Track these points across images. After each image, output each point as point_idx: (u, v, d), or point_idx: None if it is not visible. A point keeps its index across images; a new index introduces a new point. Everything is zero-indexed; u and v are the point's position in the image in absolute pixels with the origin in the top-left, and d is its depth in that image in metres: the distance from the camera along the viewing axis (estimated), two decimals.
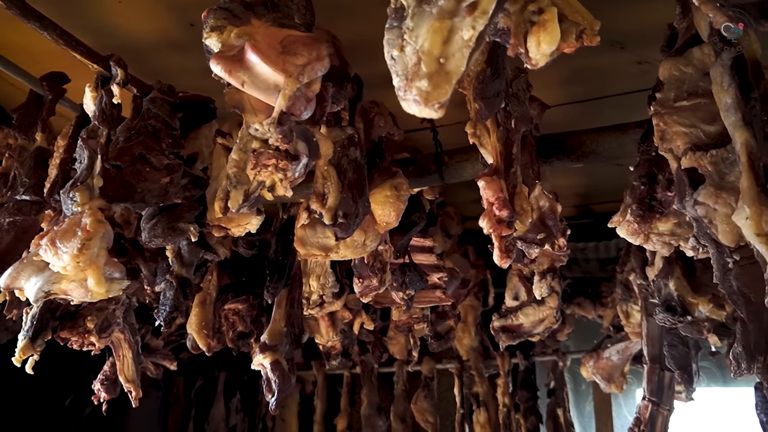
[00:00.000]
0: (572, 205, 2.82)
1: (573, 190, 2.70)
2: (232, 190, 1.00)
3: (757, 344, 0.99)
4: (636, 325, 1.85)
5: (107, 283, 1.01)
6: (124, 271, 1.07)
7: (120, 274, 1.05)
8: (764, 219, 0.83)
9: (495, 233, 1.04)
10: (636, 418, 1.71)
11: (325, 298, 1.89)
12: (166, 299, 1.33)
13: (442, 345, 1.97)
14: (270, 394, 1.70)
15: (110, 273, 1.02)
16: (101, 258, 1.01)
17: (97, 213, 1.02)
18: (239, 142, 1.03)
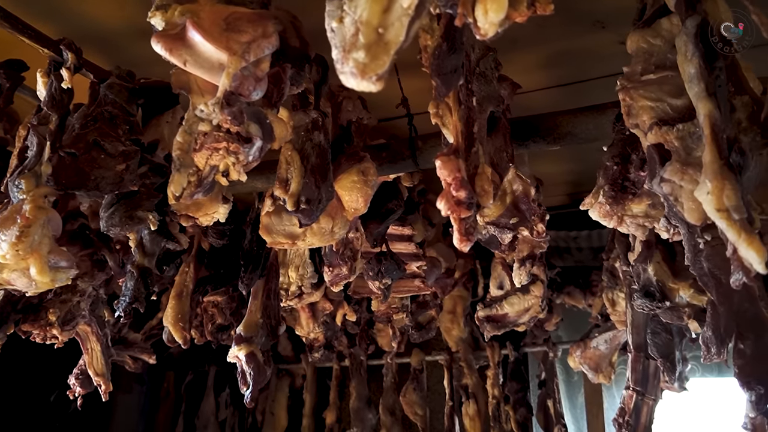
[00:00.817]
0: (564, 193, 2.76)
1: (564, 178, 2.65)
2: (176, 174, 0.97)
3: (727, 327, 0.94)
4: (622, 313, 1.80)
5: (51, 272, 0.98)
6: (71, 259, 1.04)
7: (67, 263, 1.01)
8: (726, 194, 0.78)
9: (454, 215, 0.99)
10: (620, 408, 1.66)
11: (303, 289, 1.85)
12: (126, 290, 1.30)
13: (423, 335, 1.93)
14: (245, 386, 1.67)
15: (55, 261, 0.98)
16: (44, 246, 0.97)
17: (38, 200, 0.99)
18: (185, 124, 0.99)
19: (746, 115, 0.88)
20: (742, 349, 0.94)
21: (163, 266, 1.75)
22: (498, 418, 2.31)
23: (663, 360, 1.51)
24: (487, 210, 1.40)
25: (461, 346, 2.46)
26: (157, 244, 1.31)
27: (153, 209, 1.25)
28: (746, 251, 0.74)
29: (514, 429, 2.29)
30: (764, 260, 0.74)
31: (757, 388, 0.92)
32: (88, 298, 1.44)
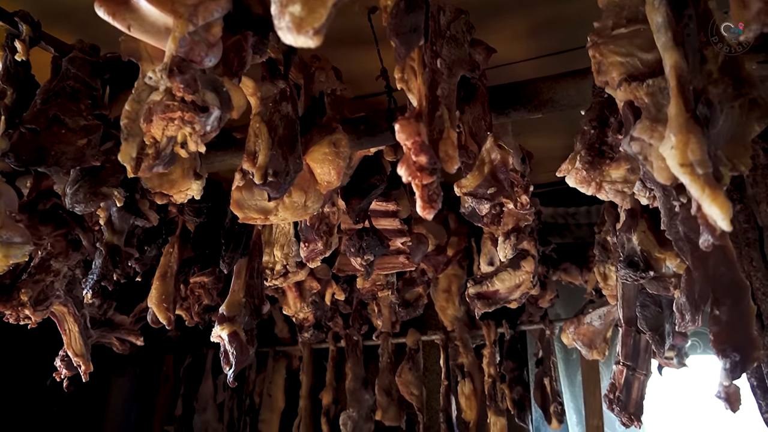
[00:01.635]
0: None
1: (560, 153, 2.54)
2: (124, 143, 0.93)
3: (702, 293, 0.90)
4: (614, 287, 1.75)
5: (4, 248, 0.95)
6: (26, 235, 1.02)
7: (21, 239, 0.99)
8: (690, 148, 0.73)
9: (415, 181, 0.95)
10: (611, 384, 1.62)
11: (288, 267, 1.82)
12: (95, 267, 1.28)
13: (410, 313, 1.90)
14: (227, 366, 1.65)
15: (8, 237, 0.96)
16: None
17: None
18: (134, 92, 0.96)
19: (717, 66, 0.83)
20: (717, 316, 0.89)
21: (145, 246, 1.73)
22: (494, 397, 2.27)
23: (652, 333, 1.46)
24: (465, 180, 1.36)
25: (456, 325, 2.43)
26: (125, 221, 1.28)
27: (118, 185, 1.22)
28: (710, 207, 0.70)
29: (510, 407, 2.25)
30: (728, 216, 0.69)
31: (732, 356, 0.87)
32: (63, 278, 1.42)
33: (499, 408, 2.25)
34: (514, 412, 2.24)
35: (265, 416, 2.67)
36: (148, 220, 1.32)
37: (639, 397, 1.59)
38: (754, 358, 0.88)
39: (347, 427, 2.44)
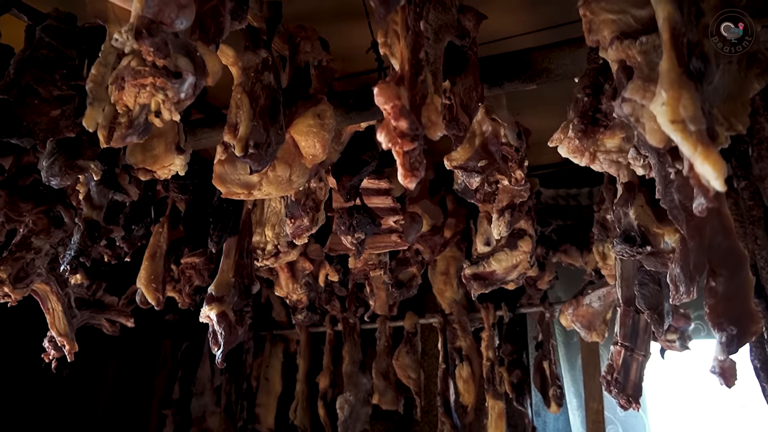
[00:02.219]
0: None
1: None
2: (89, 107, 0.89)
3: (698, 264, 0.85)
4: (613, 267, 1.70)
5: None
6: None
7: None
8: (682, 103, 0.68)
9: (396, 148, 0.90)
10: (608, 365, 1.58)
11: (280, 247, 1.78)
12: (72, 243, 1.24)
13: (404, 294, 1.86)
14: (216, 346, 1.62)
15: None
16: None
17: None
18: (100, 55, 0.91)
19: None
20: (713, 287, 0.85)
21: (132, 225, 1.70)
22: (492, 381, 2.24)
23: (651, 312, 1.41)
24: (455, 154, 1.31)
25: (455, 308, 2.39)
26: (104, 195, 1.25)
27: (95, 158, 1.18)
28: (702, 166, 0.65)
29: (508, 391, 2.22)
30: (722, 175, 0.64)
31: (728, 329, 0.82)
32: (45, 256, 1.39)
33: (497, 391, 2.21)
34: (512, 395, 2.21)
35: (262, 400, 2.65)
36: (127, 194, 1.29)
37: (637, 378, 1.55)
38: (753, 332, 0.83)
39: (344, 411, 2.42)
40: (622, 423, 2.40)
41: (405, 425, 2.62)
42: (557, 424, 2.58)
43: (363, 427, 2.50)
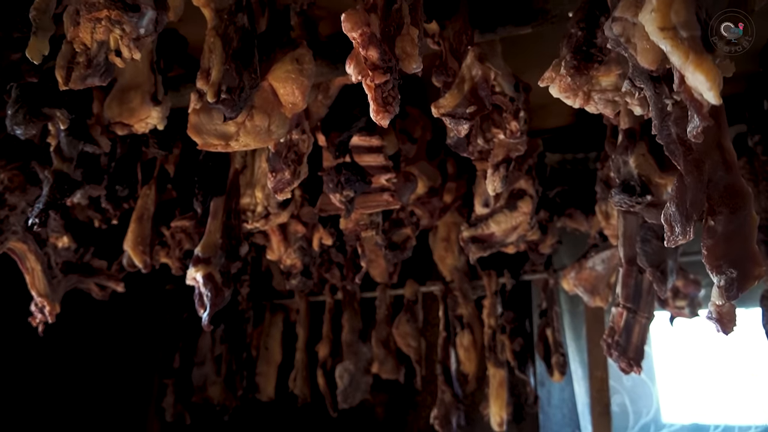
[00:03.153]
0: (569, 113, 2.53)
1: None
2: (32, 37, 0.83)
3: (695, 201, 0.77)
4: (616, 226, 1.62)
5: None
6: None
7: None
8: (674, 8, 0.60)
9: (366, 81, 0.83)
10: (609, 328, 1.51)
11: (270, 209, 1.73)
12: (42, 196, 1.19)
13: (398, 256, 1.79)
14: (202, 308, 1.58)
15: None
16: None
17: None
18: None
19: None
20: (712, 227, 0.77)
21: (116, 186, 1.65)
22: (494, 349, 2.18)
23: (653, 269, 1.33)
24: (443, 100, 1.23)
25: (456, 275, 2.33)
26: (74, 146, 1.19)
27: (62, 106, 1.12)
28: (694, 75, 0.57)
29: (509, 359, 2.16)
30: (717, 86, 0.56)
31: (728, 272, 0.75)
32: (21, 213, 1.35)
33: (498, 360, 2.15)
34: (514, 363, 2.15)
35: (262, 369, 2.62)
36: (98, 146, 1.23)
37: (639, 341, 1.48)
38: (755, 276, 0.76)
39: (343, 380, 2.38)
40: (628, 392, 2.34)
41: (407, 395, 2.58)
42: (562, 395, 2.52)
43: (363, 397, 2.46)
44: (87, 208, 1.85)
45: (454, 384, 2.23)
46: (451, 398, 2.20)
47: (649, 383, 2.32)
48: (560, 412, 2.49)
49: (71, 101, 1.16)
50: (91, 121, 1.24)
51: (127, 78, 1.35)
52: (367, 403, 2.56)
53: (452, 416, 2.20)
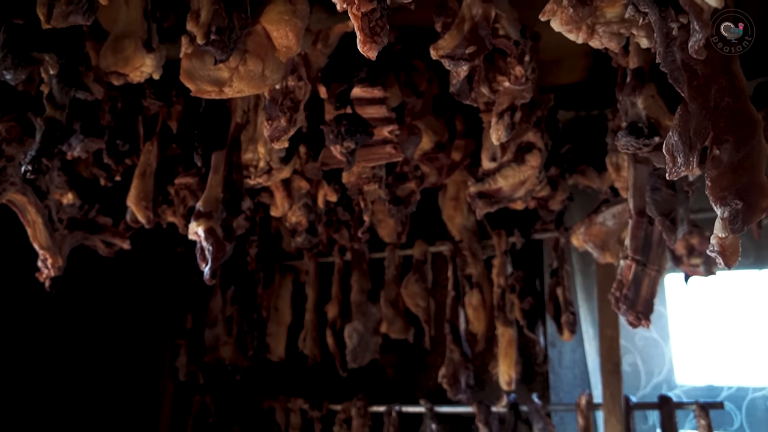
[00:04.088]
0: (582, 68, 2.45)
1: (581, 49, 2.32)
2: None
3: (699, 129, 0.73)
4: (626, 178, 1.57)
5: None
6: None
7: None
8: None
9: (352, 9, 0.79)
10: (618, 281, 1.47)
11: (272, 164, 1.70)
12: (34, 143, 1.18)
13: (402, 210, 1.76)
14: (203, 262, 1.57)
15: None
16: None
17: None
18: None
19: None
20: (717, 156, 0.73)
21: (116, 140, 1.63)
22: (502, 308, 2.15)
23: (663, 218, 1.29)
24: (442, 41, 1.18)
25: (465, 234, 2.29)
26: (66, 93, 1.17)
27: (50, 50, 1.10)
28: None
29: (519, 318, 2.13)
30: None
31: (733, 204, 0.71)
32: (19, 165, 1.34)
33: (507, 319, 2.13)
34: (523, 323, 2.12)
35: (272, 330, 2.63)
36: (90, 92, 1.21)
37: (649, 294, 1.44)
38: (763, 208, 0.71)
39: (352, 340, 2.38)
40: (640, 352, 2.31)
41: (417, 356, 2.58)
42: (574, 356, 2.50)
43: (372, 357, 2.46)
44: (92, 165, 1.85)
45: (463, 343, 2.21)
46: (460, 357, 2.19)
47: (662, 343, 2.29)
48: (571, 373, 2.47)
49: (61, 46, 1.14)
50: (83, 68, 1.21)
51: (121, 27, 1.32)
52: (377, 364, 2.57)
53: (461, 375, 2.19)
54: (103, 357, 2.58)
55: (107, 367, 2.59)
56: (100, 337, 2.58)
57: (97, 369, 2.55)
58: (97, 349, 2.56)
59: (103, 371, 2.57)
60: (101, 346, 2.58)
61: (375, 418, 2.44)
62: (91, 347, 2.54)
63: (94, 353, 2.55)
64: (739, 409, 2.11)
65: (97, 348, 2.56)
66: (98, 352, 2.56)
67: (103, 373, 2.57)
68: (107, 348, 2.60)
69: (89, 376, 2.52)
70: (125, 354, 2.66)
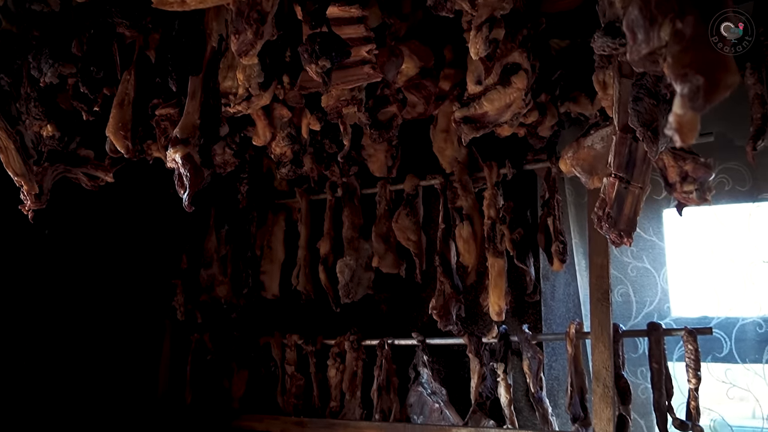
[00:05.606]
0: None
1: None
2: None
3: (660, 2, 0.68)
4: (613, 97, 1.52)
5: None
6: None
7: None
8: None
9: None
10: (601, 200, 1.44)
11: (251, 90, 1.66)
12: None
13: (383, 135, 1.73)
14: (182, 189, 1.56)
15: None
16: None
17: None
18: None
19: None
20: (680, 30, 0.69)
21: (90, 68, 1.60)
22: (493, 239, 2.14)
23: (644, 129, 1.25)
24: None
25: (456, 166, 2.26)
26: (20, 5, 1.13)
27: None
28: None
29: (509, 249, 2.12)
30: None
31: (694, 79, 0.67)
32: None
33: (497, 249, 2.12)
34: (513, 253, 2.11)
35: (266, 268, 2.64)
36: (46, 2, 1.17)
37: (632, 213, 1.42)
38: (726, 84, 0.68)
39: (344, 275, 2.38)
40: (632, 283, 2.30)
41: (411, 293, 2.58)
42: (567, 290, 2.49)
43: (365, 292, 2.47)
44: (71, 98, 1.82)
45: (454, 276, 2.21)
46: (450, 290, 2.19)
47: (654, 274, 2.27)
48: (564, 306, 2.47)
49: None
50: None
51: None
52: (372, 300, 2.59)
53: (452, 307, 2.20)
54: (102, 298, 2.61)
55: (106, 308, 2.62)
56: (99, 278, 2.61)
57: (96, 310, 2.59)
58: (96, 290, 2.59)
59: (102, 313, 2.61)
60: (100, 287, 2.61)
61: (369, 352, 2.47)
62: (90, 288, 2.57)
63: (94, 294, 2.58)
64: (728, 336, 2.11)
65: (97, 289, 2.59)
66: (97, 294, 2.59)
67: (103, 314, 2.60)
68: (106, 289, 2.63)
69: (89, 318, 2.56)
70: (125, 296, 2.69)
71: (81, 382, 2.50)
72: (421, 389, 2.34)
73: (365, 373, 2.44)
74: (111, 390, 2.59)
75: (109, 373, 2.59)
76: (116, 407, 2.60)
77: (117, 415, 2.59)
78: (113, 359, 2.62)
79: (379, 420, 2.30)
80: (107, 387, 2.58)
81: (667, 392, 1.95)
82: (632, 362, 2.22)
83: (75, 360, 2.50)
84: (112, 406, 2.58)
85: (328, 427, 2.36)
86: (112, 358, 2.61)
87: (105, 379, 2.57)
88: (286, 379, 2.57)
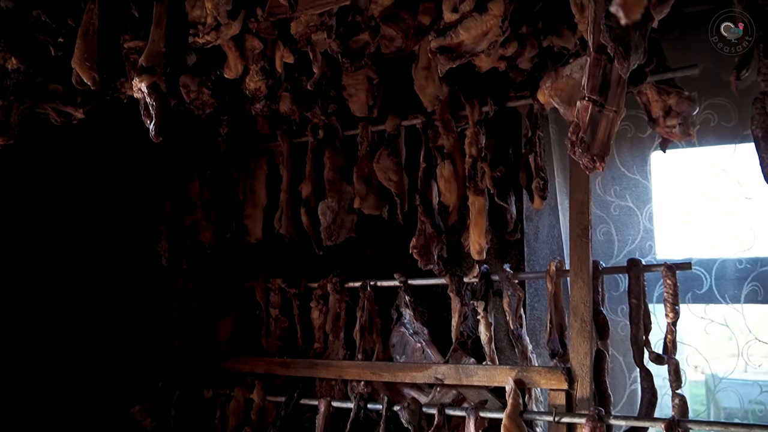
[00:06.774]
0: None
1: None
2: None
3: None
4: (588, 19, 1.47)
5: None
6: None
7: None
8: None
9: None
10: (574, 124, 1.41)
11: (220, 19, 1.61)
12: None
13: (356, 64, 1.68)
14: (148, 119, 1.53)
15: None
16: None
17: None
18: None
19: None
20: None
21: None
22: (473, 177, 2.11)
23: (615, 44, 1.21)
24: None
25: (437, 105, 2.22)
26: None
27: None
28: None
29: (489, 186, 2.10)
30: None
31: None
32: None
33: (478, 187, 2.09)
34: (493, 191, 2.09)
35: (249, 212, 2.62)
36: None
37: (605, 137, 1.39)
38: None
39: (326, 217, 2.37)
40: (614, 221, 2.29)
41: (395, 236, 2.57)
42: (552, 232, 2.48)
43: (348, 235, 2.46)
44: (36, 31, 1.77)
45: (435, 215, 2.19)
46: (431, 229, 2.17)
47: (637, 212, 2.25)
48: (548, 248, 2.46)
49: None
50: None
51: None
52: (355, 243, 2.58)
53: (433, 247, 2.19)
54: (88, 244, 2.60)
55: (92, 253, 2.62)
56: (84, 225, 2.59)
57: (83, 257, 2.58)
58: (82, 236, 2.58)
59: (89, 258, 2.60)
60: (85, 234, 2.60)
61: (352, 295, 2.47)
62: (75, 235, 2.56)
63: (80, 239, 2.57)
64: (708, 272, 2.10)
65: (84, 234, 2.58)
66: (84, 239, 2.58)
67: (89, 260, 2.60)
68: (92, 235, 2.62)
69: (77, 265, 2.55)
70: (111, 241, 2.69)
71: (71, 328, 2.52)
72: (404, 329, 2.35)
73: (348, 315, 2.45)
74: (104, 335, 2.61)
75: (101, 319, 2.60)
76: (109, 351, 2.62)
77: (109, 358, 2.61)
78: (102, 304, 2.62)
79: (361, 360, 2.32)
80: (97, 332, 2.59)
81: (644, 327, 1.95)
82: (613, 300, 2.22)
83: (63, 305, 2.50)
84: (104, 351, 2.60)
85: (311, 367, 2.39)
86: (101, 303, 2.62)
87: (95, 325, 2.59)
88: (271, 322, 2.59)
